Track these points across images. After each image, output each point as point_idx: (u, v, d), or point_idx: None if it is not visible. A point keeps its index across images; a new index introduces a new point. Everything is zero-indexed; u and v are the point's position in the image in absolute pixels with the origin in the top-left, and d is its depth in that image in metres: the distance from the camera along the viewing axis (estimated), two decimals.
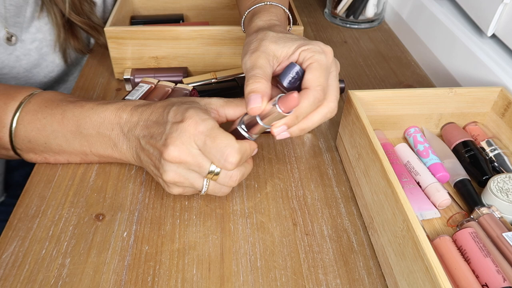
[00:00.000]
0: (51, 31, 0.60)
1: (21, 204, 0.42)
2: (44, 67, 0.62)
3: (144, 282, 0.36)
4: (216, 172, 0.37)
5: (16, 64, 0.59)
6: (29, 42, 0.59)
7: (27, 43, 0.59)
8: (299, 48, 0.38)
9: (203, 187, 0.39)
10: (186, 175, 0.38)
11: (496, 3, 0.52)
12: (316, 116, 0.39)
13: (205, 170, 0.37)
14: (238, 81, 0.58)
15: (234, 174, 0.38)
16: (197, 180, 0.38)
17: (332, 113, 0.39)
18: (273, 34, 0.40)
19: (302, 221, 0.42)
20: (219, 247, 0.39)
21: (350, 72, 0.66)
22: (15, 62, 0.59)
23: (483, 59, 0.54)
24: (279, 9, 0.48)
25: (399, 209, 0.34)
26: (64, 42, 0.61)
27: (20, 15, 0.56)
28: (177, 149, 0.36)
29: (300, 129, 0.39)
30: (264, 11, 0.47)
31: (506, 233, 0.38)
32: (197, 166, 0.37)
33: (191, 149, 0.36)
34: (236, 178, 0.38)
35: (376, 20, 0.80)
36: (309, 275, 0.37)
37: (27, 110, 0.42)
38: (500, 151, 0.47)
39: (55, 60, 0.63)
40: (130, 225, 0.41)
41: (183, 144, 0.36)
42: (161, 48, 0.58)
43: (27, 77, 0.61)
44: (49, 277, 0.36)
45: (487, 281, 0.34)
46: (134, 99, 0.52)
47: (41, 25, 0.59)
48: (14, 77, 0.60)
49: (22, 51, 0.59)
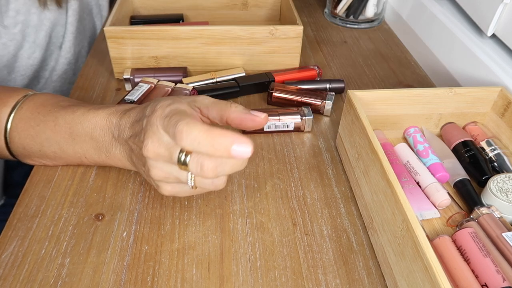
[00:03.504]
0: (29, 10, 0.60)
1: (21, 204, 0.42)
2: (27, 48, 0.62)
3: (144, 282, 0.36)
4: (184, 161, 0.33)
5: (5, 52, 0.59)
6: (12, 26, 0.58)
7: (11, 28, 0.58)
8: None
9: (188, 180, 0.35)
10: (167, 169, 0.35)
11: (496, 3, 0.52)
12: None
13: (175, 159, 0.33)
14: (238, 81, 0.58)
15: (204, 163, 0.32)
16: (179, 172, 0.35)
17: None
18: None
19: (301, 221, 0.42)
20: (219, 247, 0.39)
21: (350, 72, 0.66)
22: (3, 49, 0.58)
23: (483, 59, 0.54)
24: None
25: (399, 209, 0.34)
26: None
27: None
28: (150, 141, 0.34)
29: None
30: None
31: (506, 233, 0.37)
32: (169, 155, 0.34)
33: (162, 137, 0.34)
34: (208, 168, 0.32)
35: (376, 20, 0.80)
36: (308, 275, 0.37)
37: (20, 117, 0.42)
38: (500, 151, 0.47)
39: (36, 40, 0.63)
40: (129, 225, 0.41)
41: (154, 134, 0.34)
42: (161, 48, 0.58)
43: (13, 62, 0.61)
44: (49, 277, 0.36)
45: (487, 281, 0.34)
46: (134, 99, 0.52)
47: (19, 6, 0.59)
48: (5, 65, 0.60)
49: (7, 37, 0.58)
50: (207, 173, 0.32)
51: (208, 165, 0.32)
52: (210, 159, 0.32)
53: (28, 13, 0.60)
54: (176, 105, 0.35)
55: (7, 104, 0.42)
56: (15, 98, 0.42)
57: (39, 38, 0.63)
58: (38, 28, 0.62)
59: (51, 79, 0.71)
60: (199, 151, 0.32)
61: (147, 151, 0.35)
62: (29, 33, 0.61)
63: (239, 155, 0.31)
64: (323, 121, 0.55)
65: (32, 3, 0.60)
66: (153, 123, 0.35)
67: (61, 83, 0.72)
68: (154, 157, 0.35)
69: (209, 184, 0.36)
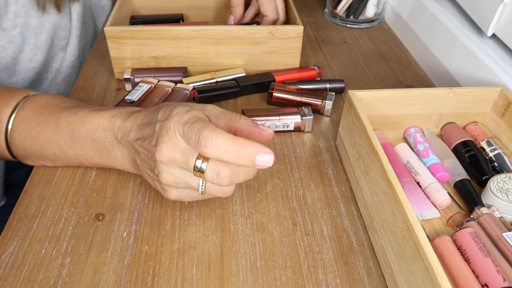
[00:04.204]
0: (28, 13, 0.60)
1: (21, 204, 0.42)
2: (28, 51, 0.62)
3: (144, 282, 0.36)
4: (200, 168, 0.34)
5: (3, 54, 0.58)
6: (11, 29, 0.58)
7: (9, 30, 0.58)
8: None
9: (199, 186, 0.36)
10: (179, 174, 0.36)
11: (496, 3, 0.52)
12: None
13: (191, 165, 0.34)
14: (238, 81, 0.58)
15: (221, 171, 0.33)
16: (191, 178, 0.36)
17: None
18: None
19: (302, 221, 0.42)
20: (219, 247, 0.39)
21: (350, 72, 0.66)
22: (2, 52, 0.58)
23: (483, 59, 0.54)
24: None
25: (399, 209, 0.34)
26: None
27: None
28: (165, 145, 0.35)
29: None
30: None
31: (506, 233, 0.38)
32: (185, 161, 0.34)
33: (178, 143, 0.34)
34: (225, 176, 0.33)
35: (376, 20, 0.80)
36: (309, 275, 0.37)
37: (21, 118, 0.41)
38: (500, 151, 0.47)
39: (36, 42, 0.62)
40: (130, 225, 0.41)
41: (170, 139, 0.35)
42: (161, 48, 0.58)
43: (14, 64, 0.61)
44: (49, 277, 0.36)
45: (487, 281, 0.34)
46: (134, 99, 0.52)
47: (18, 9, 0.58)
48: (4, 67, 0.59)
49: (6, 39, 0.58)
50: (223, 180, 0.34)
51: (225, 172, 0.33)
52: (227, 167, 0.33)
53: (27, 16, 0.60)
54: (195, 113, 0.35)
55: (8, 104, 0.42)
56: (16, 99, 0.42)
57: (40, 41, 0.63)
58: (39, 31, 0.62)
59: (55, 81, 0.71)
60: (222, 159, 0.33)
61: (161, 156, 0.35)
62: (29, 36, 0.61)
63: (263, 164, 0.32)
64: (323, 121, 0.55)
65: (31, 6, 0.60)
66: (169, 128, 0.35)
67: (65, 85, 0.72)
68: (168, 162, 0.35)
69: (219, 191, 0.37)
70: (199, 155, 0.34)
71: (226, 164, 0.33)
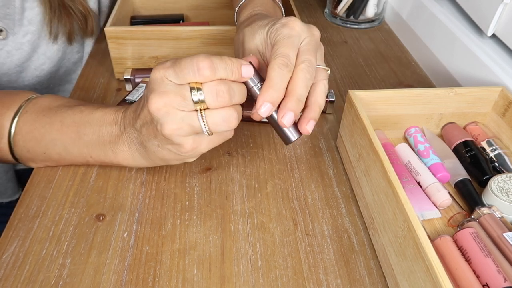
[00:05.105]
0: (42, 22, 0.58)
1: (22, 205, 0.42)
2: (35, 59, 0.60)
3: (145, 282, 0.36)
4: (200, 99, 0.34)
5: (7, 60, 0.57)
6: (21, 35, 0.56)
7: (19, 36, 0.56)
8: (267, 35, 0.40)
9: (201, 125, 0.35)
10: (179, 117, 0.35)
11: (496, 3, 0.52)
12: None
13: (188, 99, 0.34)
14: None
15: (218, 89, 0.34)
16: (191, 117, 0.35)
17: None
18: (246, 30, 0.42)
19: (302, 221, 0.42)
20: (220, 247, 0.39)
21: (350, 72, 0.66)
22: (6, 58, 0.56)
23: (483, 59, 0.54)
24: None
25: (400, 209, 0.34)
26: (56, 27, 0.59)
27: (10, 5, 0.54)
28: (153, 95, 0.35)
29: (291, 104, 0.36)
30: (249, 4, 0.48)
31: (507, 233, 0.38)
32: (181, 98, 0.34)
33: (166, 87, 0.35)
34: (223, 92, 0.35)
35: (376, 20, 0.80)
36: (309, 275, 0.37)
37: (24, 121, 0.41)
38: (500, 151, 0.47)
39: (46, 52, 0.61)
40: (130, 225, 0.41)
41: (158, 87, 0.35)
42: (161, 48, 0.58)
43: (18, 72, 0.59)
44: (50, 277, 0.36)
45: (488, 281, 0.34)
46: (134, 99, 0.52)
47: (33, 17, 0.57)
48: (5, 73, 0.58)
49: (13, 45, 0.56)
50: (224, 97, 0.35)
51: (223, 88, 0.35)
52: (221, 83, 0.35)
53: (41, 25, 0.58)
54: (174, 58, 0.36)
55: (10, 108, 0.42)
56: (18, 102, 0.42)
57: (50, 51, 0.61)
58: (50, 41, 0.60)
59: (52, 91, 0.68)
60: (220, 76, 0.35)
61: (153, 105, 0.35)
62: (39, 45, 0.59)
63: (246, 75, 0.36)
64: (324, 121, 0.55)
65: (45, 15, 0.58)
66: (156, 79, 0.35)
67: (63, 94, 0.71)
68: (163, 107, 0.35)
69: (221, 122, 0.36)
70: (191, 87, 0.34)
71: (219, 81, 0.35)
